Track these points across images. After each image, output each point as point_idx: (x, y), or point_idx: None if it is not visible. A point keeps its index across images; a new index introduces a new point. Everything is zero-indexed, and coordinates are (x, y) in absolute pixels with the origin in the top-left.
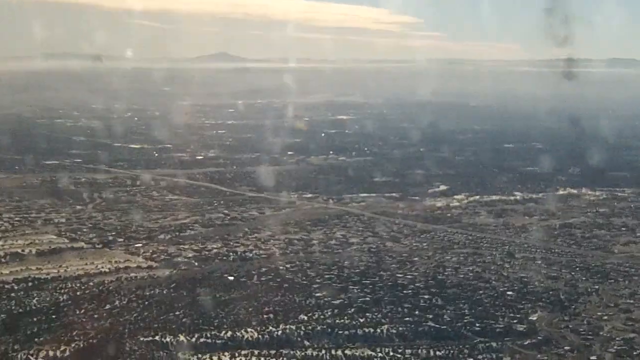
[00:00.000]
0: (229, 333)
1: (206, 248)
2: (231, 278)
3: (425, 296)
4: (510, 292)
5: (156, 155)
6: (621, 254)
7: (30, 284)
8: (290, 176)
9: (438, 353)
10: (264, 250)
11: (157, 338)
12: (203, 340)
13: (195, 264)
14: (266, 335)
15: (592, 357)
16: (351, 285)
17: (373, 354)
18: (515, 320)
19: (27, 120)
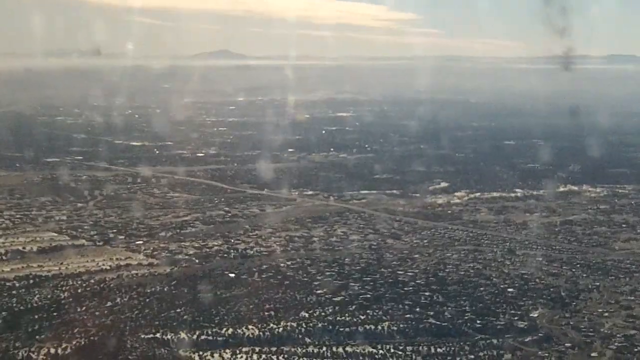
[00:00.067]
0: (230, 330)
1: (207, 245)
2: (232, 275)
3: (426, 293)
4: (511, 289)
5: (157, 152)
6: (622, 251)
7: (31, 281)
8: (291, 173)
9: (439, 350)
10: (264, 247)
11: (158, 335)
12: (204, 337)
13: (196, 261)
14: (267, 333)
15: (593, 354)
16: (352, 282)
17: (374, 351)
18: (516, 317)
19: (28, 117)
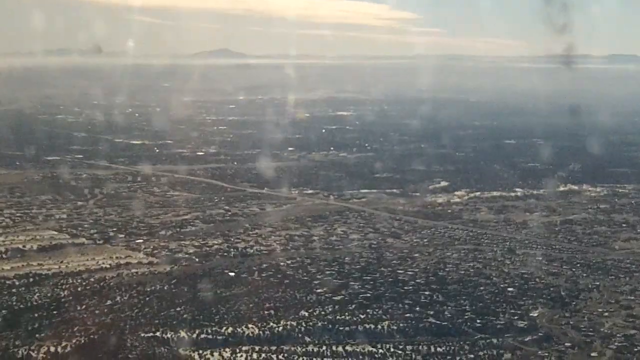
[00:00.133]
0: (230, 329)
1: (207, 244)
2: (232, 274)
3: (426, 292)
4: (511, 289)
5: (157, 151)
6: (622, 251)
7: (31, 279)
8: (291, 172)
9: (439, 349)
10: (264, 246)
11: (158, 334)
12: (204, 336)
13: (196, 260)
14: (267, 331)
15: (593, 354)
16: (352, 282)
17: (374, 350)
18: (516, 317)
19: (28, 116)
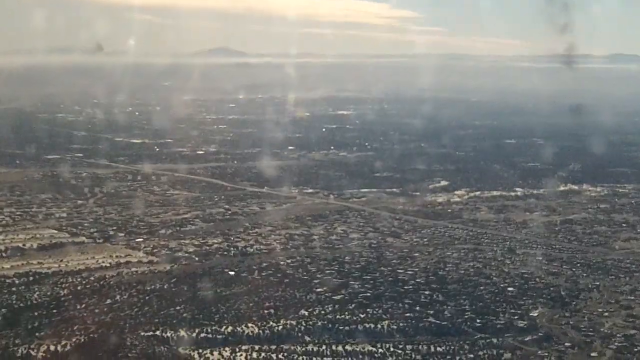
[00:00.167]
0: (230, 328)
1: (207, 243)
2: (232, 273)
3: (426, 292)
4: (511, 288)
5: (157, 149)
6: (622, 250)
7: (31, 278)
8: (291, 171)
9: (439, 349)
10: (264, 245)
11: (158, 333)
12: (204, 335)
13: (196, 258)
14: (267, 331)
15: (593, 354)
16: (352, 281)
17: (374, 349)
18: (516, 317)
19: (28, 114)
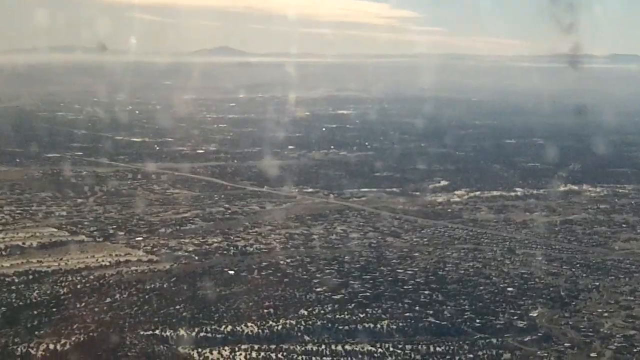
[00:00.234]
0: (229, 327)
1: (207, 242)
2: (231, 272)
3: (426, 292)
4: (510, 288)
5: (157, 148)
6: (622, 251)
7: (30, 276)
8: (291, 171)
9: (438, 349)
10: (264, 244)
11: (157, 332)
12: (203, 334)
13: (196, 258)
14: (266, 330)
15: (592, 354)
16: (351, 280)
17: (373, 349)
18: (515, 317)
19: (29, 113)
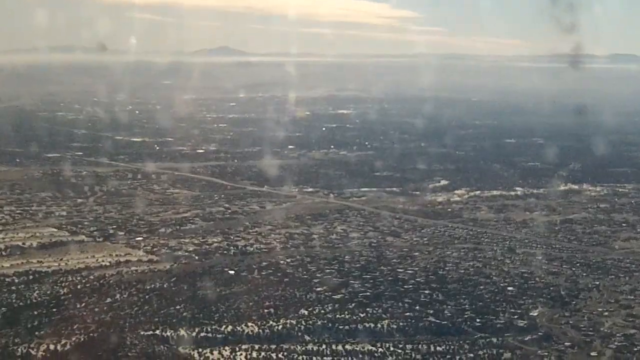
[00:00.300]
0: (230, 327)
1: (207, 242)
2: (232, 272)
3: (426, 291)
4: (511, 288)
5: (157, 148)
6: (622, 250)
7: (31, 277)
8: (291, 170)
9: (438, 348)
10: (264, 244)
11: (158, 332)
12: (203, 334)
13: (196, 257)
14: (267, 330)
15: (593, 353)
16: (352, 280)
17: (373, 349)
18: (515, 316)
19: (29, 113)
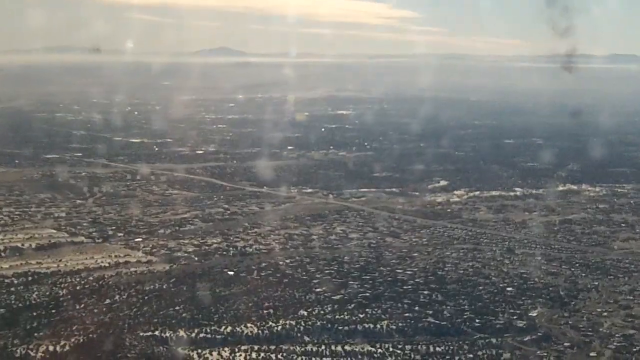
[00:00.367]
0: (229, 328)
1: (206, 243)
2: (231, 273)
3: (425, 292)
4: (510, 288)
5: (156, 149)
6: (621, 250)
7: (29, 278)
8: (291, 171)
9: (438, 349)
10: (263, 245)
11: (157, 333)
12: (203, 335)
13: (195, 258)
14: (266, 331)
15: (592, 354)
16: (351, 281)
17: (373, 349)
18: (515, 317)
19: (27, 114)
